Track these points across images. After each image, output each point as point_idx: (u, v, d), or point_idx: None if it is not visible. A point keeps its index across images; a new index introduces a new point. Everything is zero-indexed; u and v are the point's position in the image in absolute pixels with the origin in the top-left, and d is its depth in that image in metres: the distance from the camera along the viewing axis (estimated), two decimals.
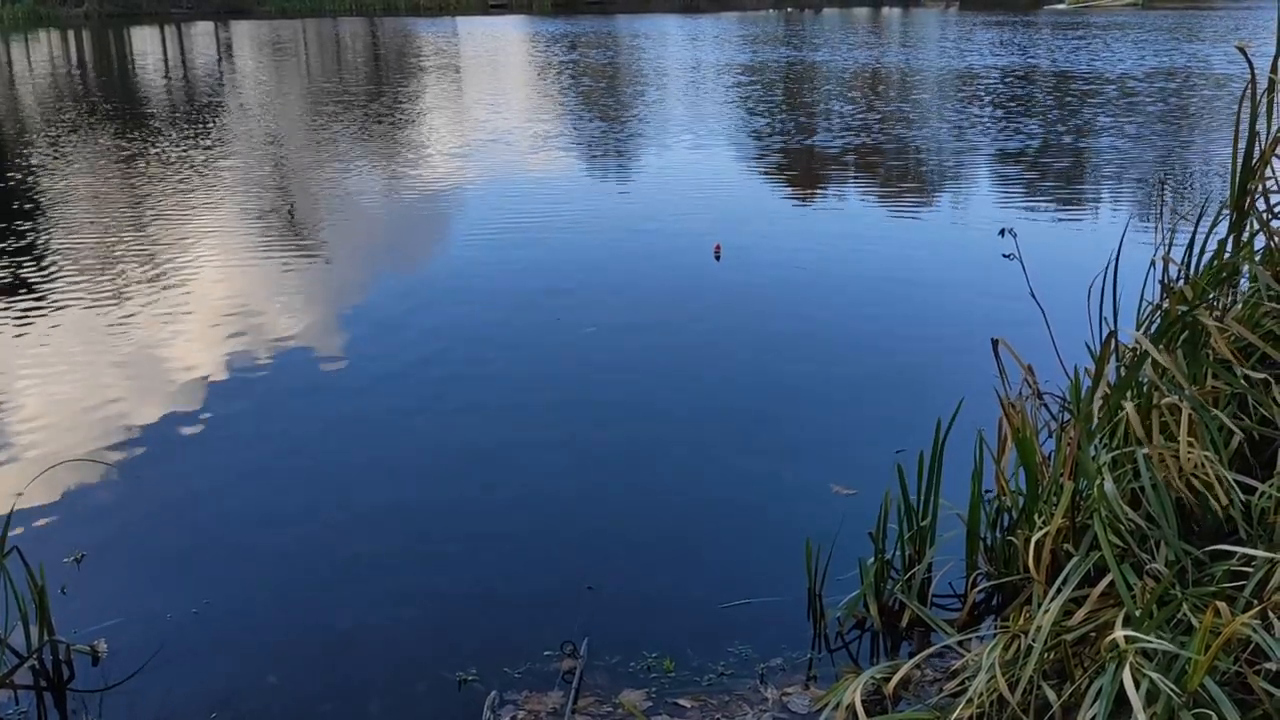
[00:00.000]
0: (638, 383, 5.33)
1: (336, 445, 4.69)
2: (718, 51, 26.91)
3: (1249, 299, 3.62)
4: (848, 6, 55.75)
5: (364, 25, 44.71)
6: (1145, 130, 12.77)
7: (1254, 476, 3.11)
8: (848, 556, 3.38)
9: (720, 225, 8.36)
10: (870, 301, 6.57)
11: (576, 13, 53.38)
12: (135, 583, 3.62)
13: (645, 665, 3.11)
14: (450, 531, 3.95)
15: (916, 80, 19.49)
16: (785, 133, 13.26)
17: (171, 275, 7.26)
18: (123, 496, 4.22)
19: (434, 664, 3.15)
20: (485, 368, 5.54)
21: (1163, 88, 16.90)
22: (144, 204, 9.67)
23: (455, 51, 29.65)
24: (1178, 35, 28.14)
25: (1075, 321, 3.66)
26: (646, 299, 6.68)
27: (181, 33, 40.30)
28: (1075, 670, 2.57)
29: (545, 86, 20.09)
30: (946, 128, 13.55)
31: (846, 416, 4.94)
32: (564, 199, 9.70)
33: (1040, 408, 3.54)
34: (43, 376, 5.48)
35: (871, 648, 3.22)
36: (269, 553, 3.80)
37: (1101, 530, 2.74)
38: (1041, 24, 35.60)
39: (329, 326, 6.21)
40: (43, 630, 3.15)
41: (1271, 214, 3.74)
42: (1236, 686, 2.41)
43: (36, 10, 50.62)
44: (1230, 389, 3.32)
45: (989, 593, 3.37)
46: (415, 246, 8.40)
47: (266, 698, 3.04)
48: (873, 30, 36.26)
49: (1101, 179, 10.37)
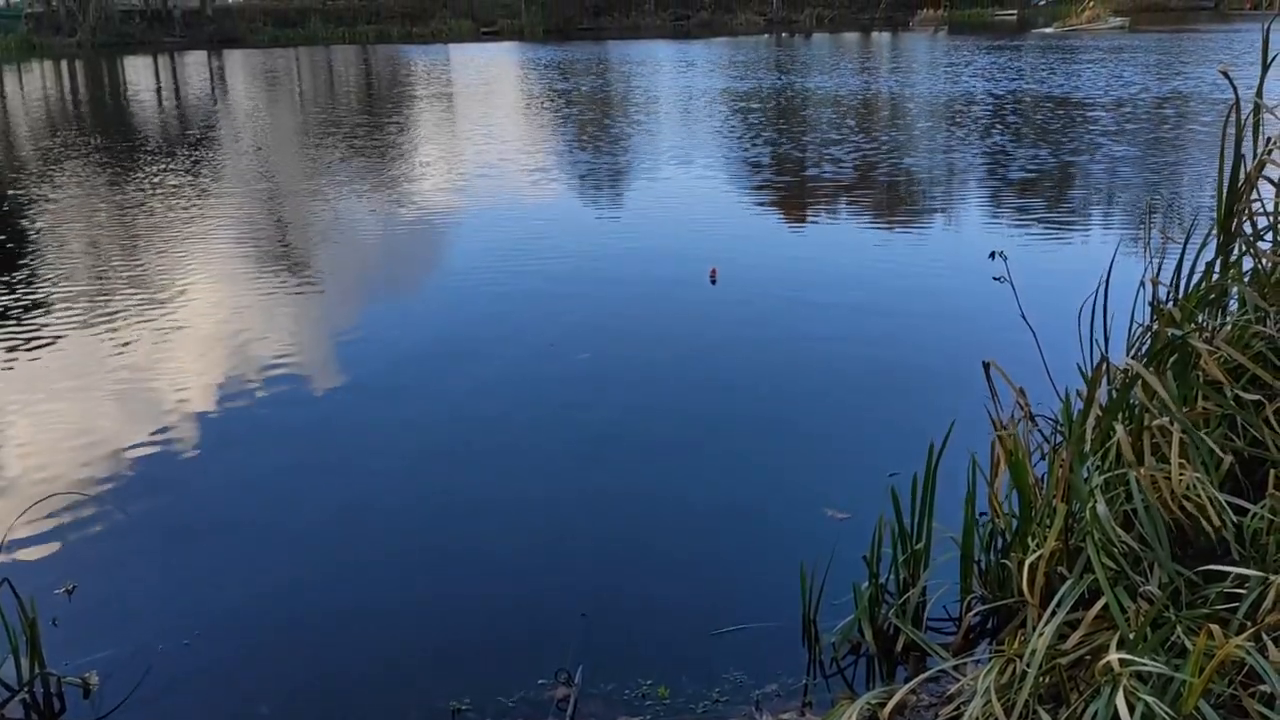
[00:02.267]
0: (631, 409, 5.33)
1: (328, 473, 4.67)
2: (710, 79, 27.07)
3: (1238, 320, 3.64)
4: (838, 31, 56.14)
5: (357, 54, 44.93)
6: (1133, 153, 12.85)
7: (1246, 498, 3.12)
8: (842, 581, 3.37)
9: (715, 250, 8.37)
10: (861, 325, 6.58)
11: (568, 39, 53.69)
12: (126, 614, 3.60)
13: (640, 692, 3.10)
14: (443, 560, 3.94)
15: (907, 105, 19.61)
16: (777, 159, 13.32)
17: (163, 305, 7.25)
18: (114, 528, 4.20)
19: (428, 693, 3.13)
20: (475, 397, 5.53)
21: (1150, 110, 17.03)
22: (135, 234, 9.68)
23: (447, 79, 29.79)
24: (1163, 58, 28.39)
25: (1066, 343, 3.67)
26: (642, 324, 6.69)
27: (174, 62, 40.47)
28: (1071, 694, 2.57)
29: (537, 113, 20.18)
30: (936, 152, 13.63)
31: (839, 440, 4.94)
32: (556, 225, 9.72)
33: (1032, 430, 3.55)
34: (33, 407, 5.47)
35: (867, 673, 3.21)
36: (261, 583, 3.78)
37: (1095, 553, 2.74)
38: (1029, 47, 35.89)
39: (322, 356, 6.21)
40: (34, 662, 3.13)
41: (1258, 235, 3.77)
42: (1231, 709, 2.41)
43: (29, 40, 50.83)
44: (1221, 410, 3.33)
45: (984, 616, 3.37)
46: (408, 275, 8.41)
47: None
48: (864, 55, 36.52)
49: (1091, 202, 10.43)
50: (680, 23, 63.38)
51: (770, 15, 64.71)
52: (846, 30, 56.52)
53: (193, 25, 57.40)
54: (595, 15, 63.54)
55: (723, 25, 62.06)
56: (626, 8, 64.87)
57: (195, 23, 57.85)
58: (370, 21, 60.54)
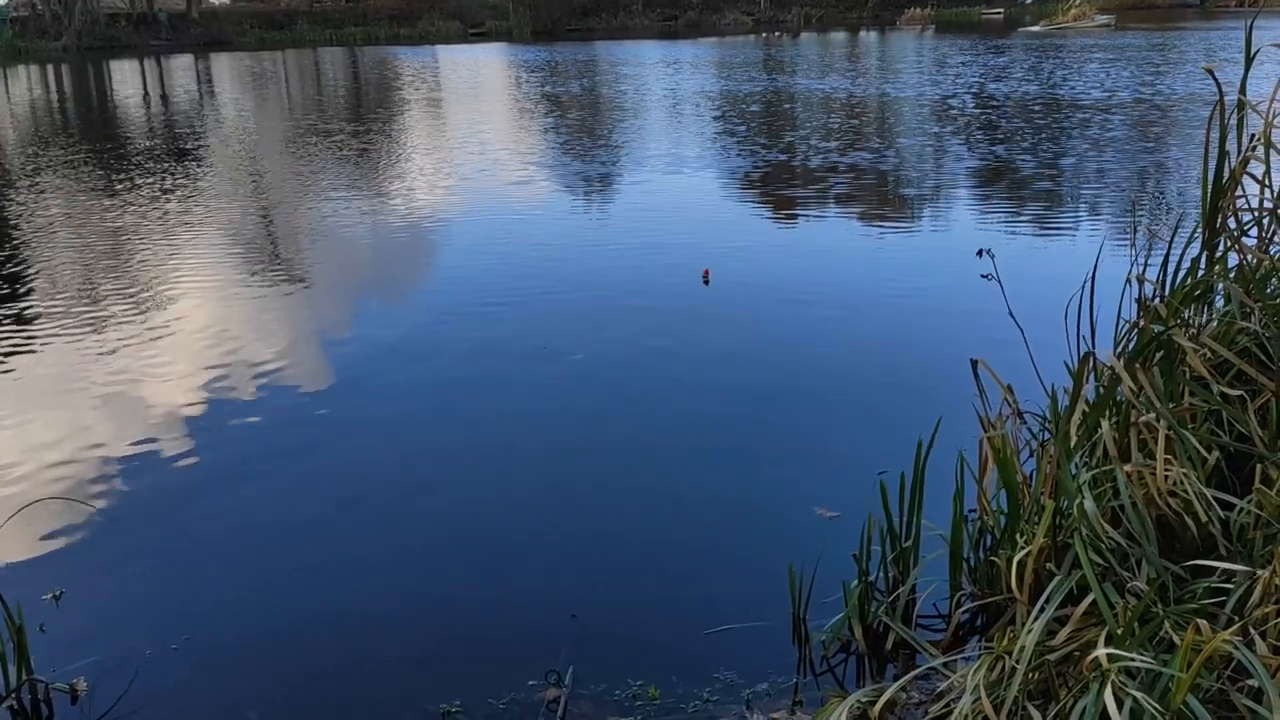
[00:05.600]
0: (619, 410, 5.33)
1: (315, 478, 4.66)
2: (698, 78, 27.08)
3: (1223, 316, 3.66)
4: (826, 30, 56.22)
5: (345, 55, 44.83)
6: (1120, 150, 12.90)
7: (1232, 493, 3.13)
8: (831, 579, 3.38)
9: (708, 250, 8.37)
10: (850, 323, 6.60)
11: (556, 39, 53.66)
12: (114, 620, 3.58)
13: (630, 693, 3.10)
14: (432, 563, 3.93)
15: (895, 104, 19.65)
16: (768, 160, 13.33)
17: (150, 310, 7.23)
18: (101, 534, 4.18)
19: (418, 696, 3.12)
20: (464, 398, 5.53)
21: (1135, 108, 17.09)
22: (123, 237, 9.64)
23: (436, 81, 29.75)
24: (1149, 56, 28.50)
25: (1053, 340, 3.69)
26: (633, 325, 6.68)
27: (161, 65, 40.33)
28: (1060, 690, 2.57)
29: (526, 114, 20.16)
30: (925, 150, 13.66)
31: (828, 439, 4.94)
32: (549, 227, 9.72)
33: (1020, 427, 3.56)
34: (19, 412, 5.44)
35: (857, 671, 3.21)
36: (248, 588, 3.77)
37: (1082, 549, 2.75)
38: (1016, 46, 36.01)
39: (308, 360, 6.19)
40: (21, 669, 3.11)
41: (1243, 232, 3.79)
42: (1219, 704, 2.42)
43: (15, 44, 50.62)
44: (1207, 406, 3.35)
45: (973, 613, 3.37)
46: (399, 277, 8.41)
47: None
48: (851, 55, 36.58)
49: (1078, 199, 10.46)
50: (668, 23, 63.46)
51: (758, 15, 64.81)
52: (834, 29, 56.60)
53: (179, 28, 57.29)
54: (583, 16, 63.55)
55: (710, 25, 62.14)
56: (614, 8, 64.89)
57: (181, 26, 57.73)
58: (358, 23, 60.46)
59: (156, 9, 58.32)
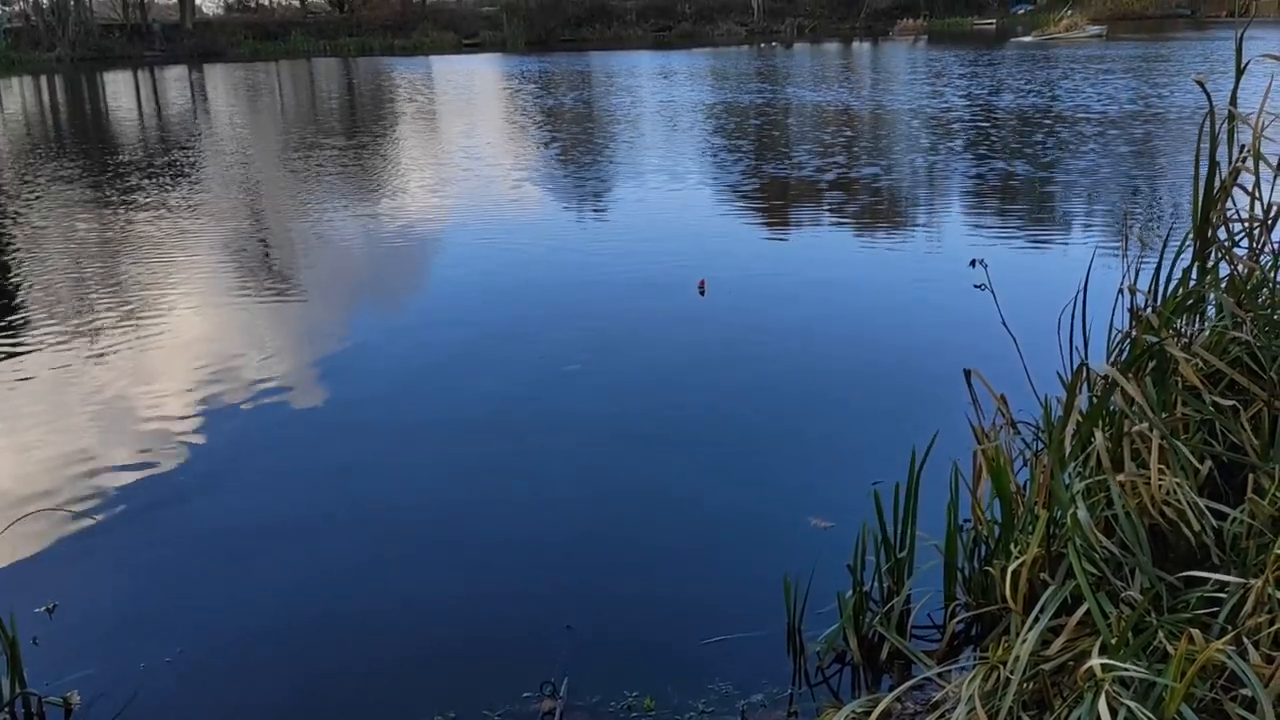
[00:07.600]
0: (614, 420, 5.33)
1: (309, 488, 4.66)
2: (692, 89, 27.15)
3: (1215, 326, 3.67)
4: (818, 41, 56.39)
5: (339, 66, 44.87)
6: (1111, 160, 12.95)
7: (1225, 502, 3.14)
8: (826, 590, 3.38)
9: (703, 261, 8.38)
10: (844, 334, 6.61)
11: (550, 50, 53.76)
12: (108, 633, 3.57)
13: (626, 704, 3.09)
14: (427, 574, 3.93)
15: (888, 116, 19.72)
16: (761, 172, 13.37)
17: (144, 322, 7.22)
18: (95, 546, 4.17)
19: (413, 707, 3.12)
20: (460, 407, 5.53)
21: (1127, 119, 17.16)
22: (117, 249, 9.64)
23: (430, 93, 29.79)
24: (1141, 66, 28.63)
25: (1046, 350, 3.70)
26: (629, 335, 6.68)
27: (155, 76, 40.33)
28: (1054, 700, 2.58)
29: (520, 126, 20.19)
30: (918, 161, 13.70)
31: (822, 449, 4.95)
32: (544, 238, 9.72)
33: (1014, 437, 3.57)
34: (12, 424, 5.43)
35: (852, 681, 3.21)
36: (242, 601, 3.76)
37: (1076, 559, 2.76)
38: (1008, 56, 36.14)
39: (304, 373, 6.18)
40: (14, 682, 3.10)
41: (1234, 242, 3.81)
42: (1213, 714, 2.43)
43: (8, 55, 50.60)
44: (1199, 415, 3.36)
45: (968, 623, 3.38)
46: (394, 288, 8.41)
47: None
48: (845, 65, 36.70)
49: (1070, 209, 10.50)
50: (661, 33, 63.62)
51: (751, 25, 64.98)
52: (827, 40, 56.76)
53: (172, 39, 57.33)
54: (577, 26, 63.67)
55: (704, 36, 62.30)
56: (608, 19, 65.06)
57: (175, 36, 57.77)
58: (352, 34, 60.55)
59: (150, 20, 58.37)
